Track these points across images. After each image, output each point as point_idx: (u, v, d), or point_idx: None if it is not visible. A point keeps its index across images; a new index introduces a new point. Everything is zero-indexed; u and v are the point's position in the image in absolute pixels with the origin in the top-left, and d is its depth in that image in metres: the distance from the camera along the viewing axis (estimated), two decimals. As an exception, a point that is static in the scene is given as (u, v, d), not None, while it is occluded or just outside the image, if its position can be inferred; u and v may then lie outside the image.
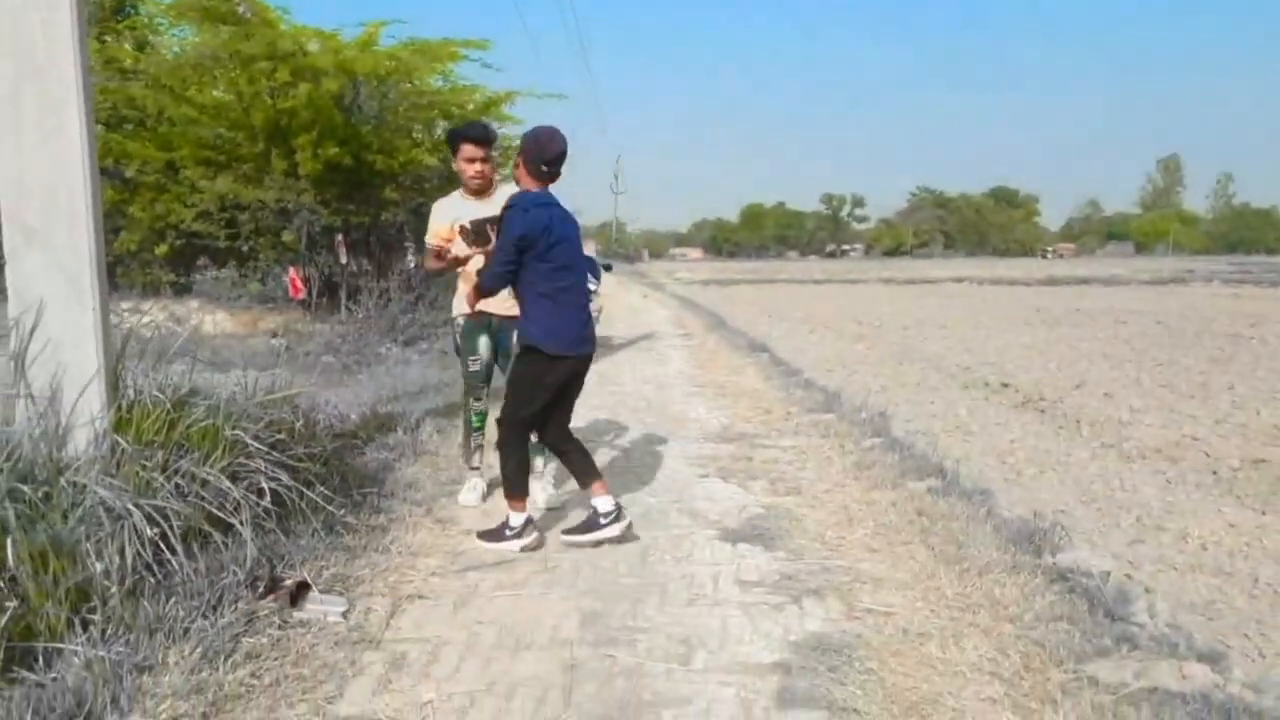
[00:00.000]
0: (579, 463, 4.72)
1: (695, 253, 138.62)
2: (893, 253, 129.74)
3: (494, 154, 5.28)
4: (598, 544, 4.53)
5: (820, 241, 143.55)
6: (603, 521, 4.57)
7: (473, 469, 5.44)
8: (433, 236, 5.25)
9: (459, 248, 4.95)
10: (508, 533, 4.49)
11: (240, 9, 13.29)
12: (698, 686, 3.07)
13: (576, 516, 4.85)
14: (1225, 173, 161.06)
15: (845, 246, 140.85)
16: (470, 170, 5.09)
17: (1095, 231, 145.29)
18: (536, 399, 4.48)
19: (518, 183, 4.62)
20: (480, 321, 5.18)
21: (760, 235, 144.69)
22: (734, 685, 3.07)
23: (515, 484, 4.53)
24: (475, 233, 4.77)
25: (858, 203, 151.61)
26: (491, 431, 5.05)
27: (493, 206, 4.90)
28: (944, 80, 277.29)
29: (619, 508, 4.63)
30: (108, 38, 16.82)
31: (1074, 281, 39.08)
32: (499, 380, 5.09)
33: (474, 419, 5.42)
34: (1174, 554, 4.72)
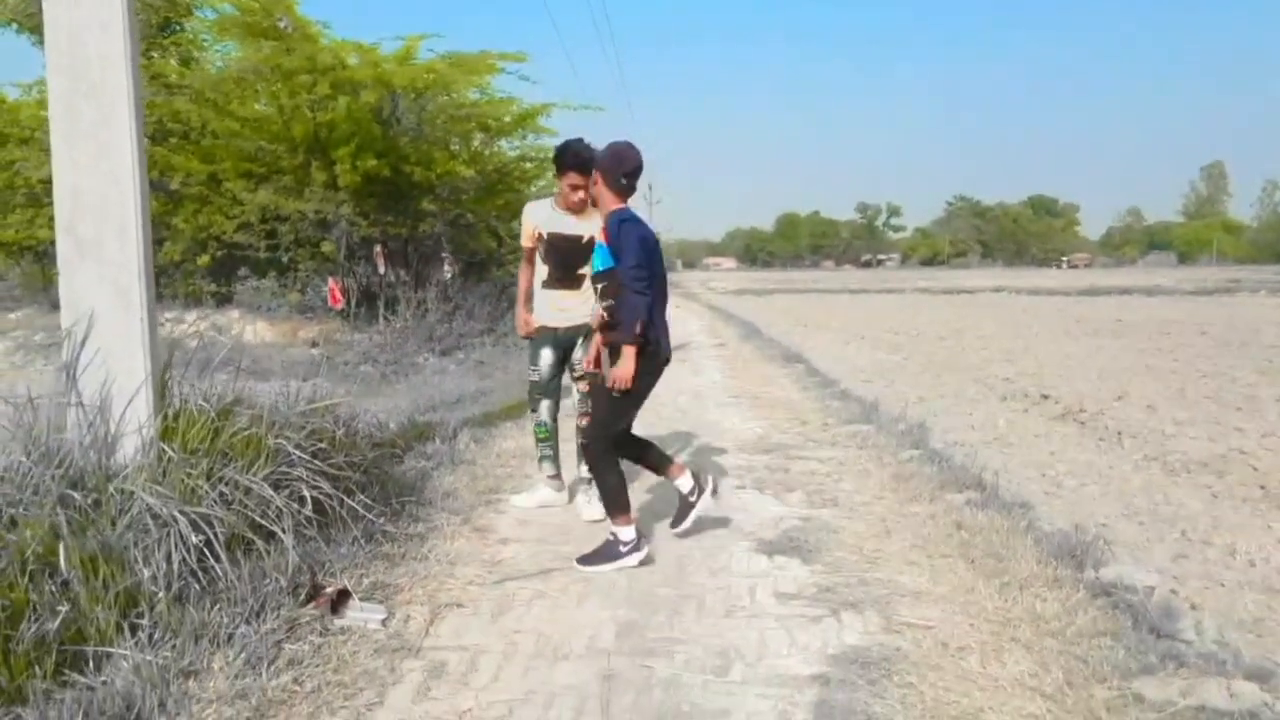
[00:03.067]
0: (652, 455, 4.85)
1: (729, 262, 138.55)
2: (929, 262, 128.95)
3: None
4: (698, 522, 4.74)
5: (856, 251, 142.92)
6: (691, 500, 4.71)
7: (550, 477, 5.50)
8: (525, 239, 5.37)
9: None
10: (621, 549, 4.43)
11: (282, 24, 13.48)
12: (735, 698, 3.06)
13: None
14: (1271, 180, 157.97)
15: (881, 256, 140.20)
16: (574, 197, 5.12)
17: (1137, 241, 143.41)
18: (634, 409, 4.65)
19: (593, 203, 4.74)
20: (544, 334, 5.30)
21: (795, 245, 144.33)
22: (772, 698, 3.06)
23: (617, 500, 4.52)
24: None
25: (894, 212, 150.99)
26: (566, 442, 5.13)
27: (586, 225, 5.08)
28: (981, 88, 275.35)
29: (697, 478, 4.76)
30: (154, 54, 17.15)
31: (1115, 291, 38.59)
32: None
33: (536, 429, 5.48)
34: (1220, 570, 4.64)
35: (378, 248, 14.62)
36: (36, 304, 16.77)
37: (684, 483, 4.72)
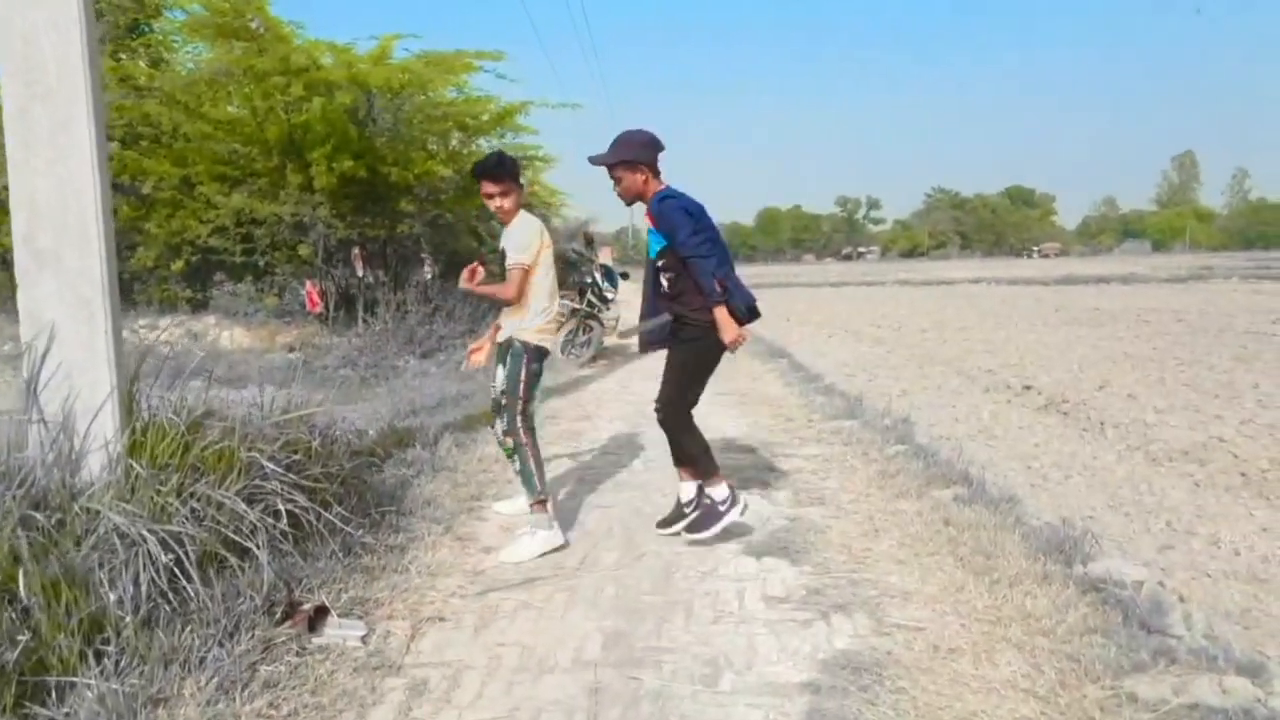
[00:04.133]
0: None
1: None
2: (909, 254, 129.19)
3: (512, 183, 4.88)
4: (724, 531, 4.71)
5: (836, 244, 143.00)
6: (721, 509, 4.68)
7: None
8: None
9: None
10: (721, 508, 4.63)
11: (253, 25, 13.33)
12: (725, 709, 2.99)
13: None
14: (1241, 168, 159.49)
15: (861, 249, 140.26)
16: (491, 206, 4.93)
17: (1112, 229, 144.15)
18: (708, 377, 4.77)
19: (640, 197, 4.65)
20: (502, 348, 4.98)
21: (776, 239, 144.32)
22: (763, 707, 2.99)
23: (707, 464, 4.68)
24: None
25: (873, 205, 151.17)
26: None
27: (506, 238, 4.88)
28: (958, 80, 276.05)
29: (733, 491, 4.74)
30: (123, 55, 16.94)
31: (1092, 280, 38.77)
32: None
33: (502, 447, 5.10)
34: (1206, 560, 4.62)
35: (355, 250, 14.49)
36: (6, 312, 16.52)
37: (719, 491, 4.71)
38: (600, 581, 4.24)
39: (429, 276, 15.71)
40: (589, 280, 13.72)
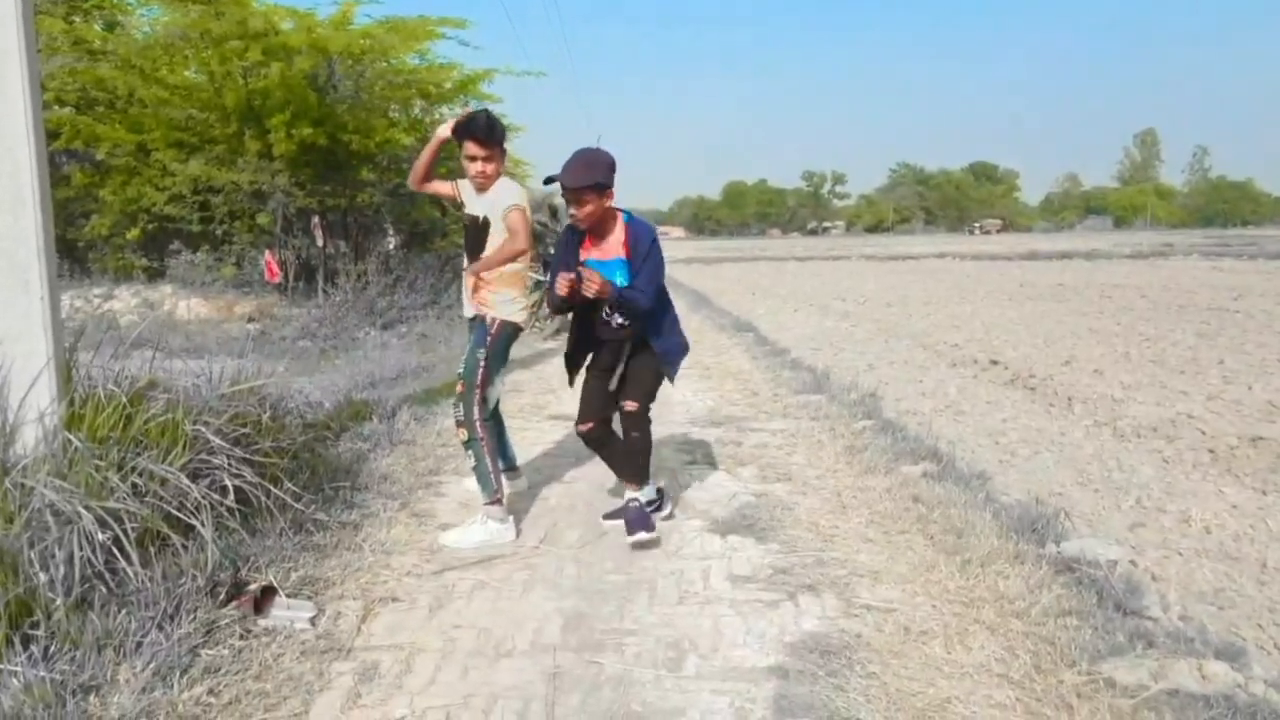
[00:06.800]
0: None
1: (677, 231, 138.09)
2: (874, 229, 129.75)
3: (499, 149, 4.59)
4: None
5: (802, 219, 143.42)
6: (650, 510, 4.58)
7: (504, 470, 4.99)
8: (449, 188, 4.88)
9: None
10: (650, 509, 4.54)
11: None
12: (690, 695, 2.88)
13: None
14: (1201, 146, 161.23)
15: (827, 224, 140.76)
16: (471, 169, 4.55)
17: (1075, 206, 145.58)
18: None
19: (601, 222, 4.31)
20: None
21: (742, 213, 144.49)
22: (728, 693, 2.88)
23: (646, 466, 4.65)
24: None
25: (838, 180, 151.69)
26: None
27: (483, 204, 4.55)
28: (923, 56, 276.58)
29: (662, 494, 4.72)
30: (75, 17, 16.43)
31: (1056, 256, 39.02)
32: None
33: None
34: (1178, 538, 4.56)
35: (315, 219, 14.22)
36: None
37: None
38: (561, 560, 4.11)
39: (390, 247, 15.45)
40: (552, 252, 13.54)
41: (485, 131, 4.48)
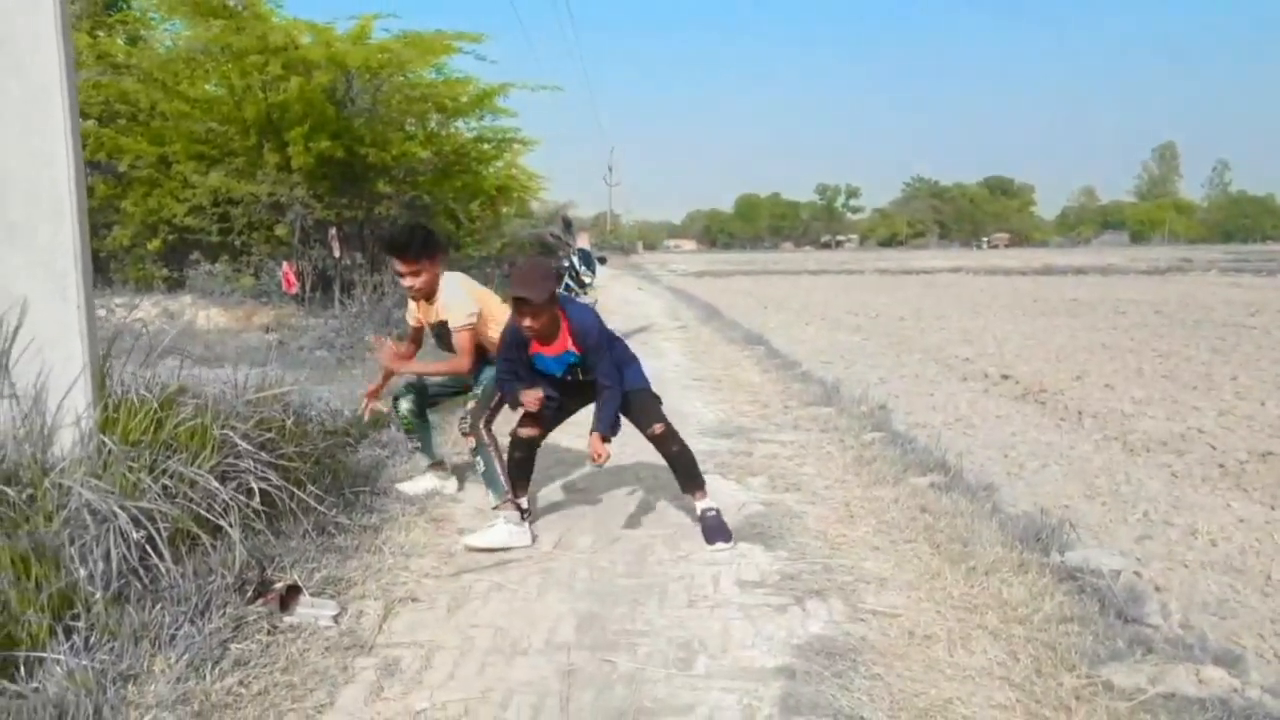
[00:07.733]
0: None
1: (689, 244, 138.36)
2: (888, 243, 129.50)
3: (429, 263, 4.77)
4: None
5: (815, 232, 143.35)
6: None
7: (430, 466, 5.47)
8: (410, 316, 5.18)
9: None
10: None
11: (231, 2, 13.16)
12: (699, 693, 2.98)
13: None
14: (1221, 160, 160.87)
15: (840, 237, 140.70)
16: (402, 285, 4.82)
17: (1091, 220, 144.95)
18: None
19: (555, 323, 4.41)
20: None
21: (755, 226, 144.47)
22: (736, 692, 2.98)
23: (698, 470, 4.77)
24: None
25: (852, 193, 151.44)
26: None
27: (439, 309, 4.83)
28: (938, 69, 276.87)
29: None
30: (100, 32, 16.69)
31: (1071, 271, 38.96)
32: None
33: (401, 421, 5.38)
34: (1183, 550, 4.63)
35: (332, 231, 14.37)
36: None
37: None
38: (574, 564, 4.23)
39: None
40: (566, 264, 13.67)
41: (400, 249, 4.72)
